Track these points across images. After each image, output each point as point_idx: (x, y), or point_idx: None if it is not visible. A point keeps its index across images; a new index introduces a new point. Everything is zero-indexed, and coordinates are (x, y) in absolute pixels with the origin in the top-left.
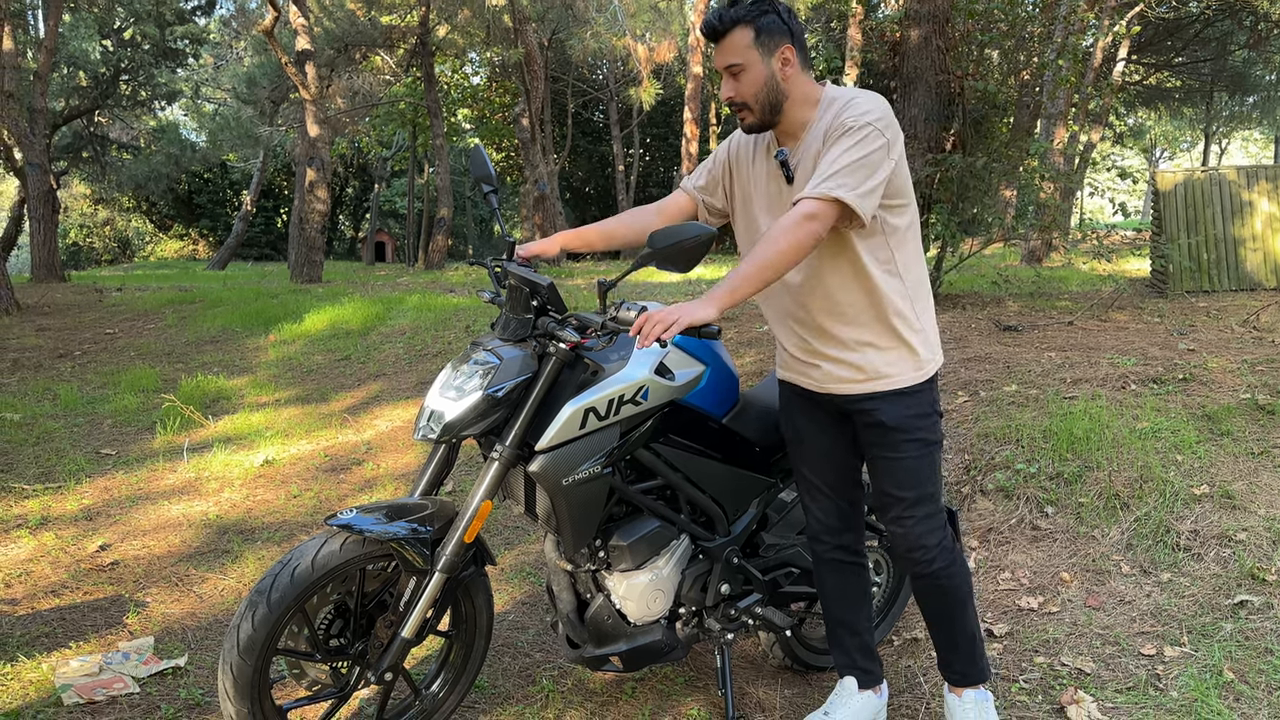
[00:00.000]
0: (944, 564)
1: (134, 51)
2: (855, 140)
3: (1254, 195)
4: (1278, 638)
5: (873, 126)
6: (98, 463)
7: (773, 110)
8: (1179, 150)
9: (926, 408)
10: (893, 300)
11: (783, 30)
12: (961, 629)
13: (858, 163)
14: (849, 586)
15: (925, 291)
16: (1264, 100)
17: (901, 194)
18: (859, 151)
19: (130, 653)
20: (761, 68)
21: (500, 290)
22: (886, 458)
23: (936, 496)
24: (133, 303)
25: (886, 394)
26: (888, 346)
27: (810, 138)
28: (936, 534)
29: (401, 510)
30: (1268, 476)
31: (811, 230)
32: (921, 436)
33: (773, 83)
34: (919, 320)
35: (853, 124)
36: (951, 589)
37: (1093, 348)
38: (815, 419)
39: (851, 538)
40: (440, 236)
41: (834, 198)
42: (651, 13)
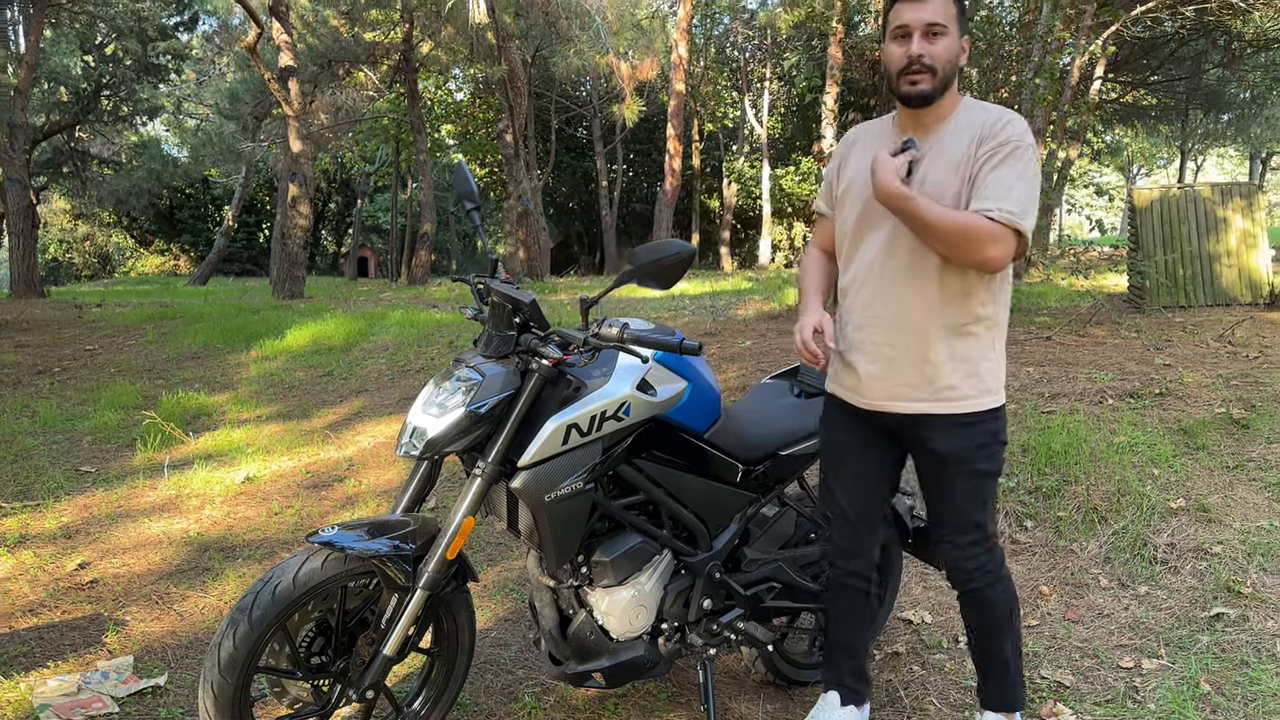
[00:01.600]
0: (981, 585)
1: (116, 67)
2: (1025, 163)
3: (1228, 212)
4: (1253, 650)
5: (1033, 150)
6: (77, 480)
7: (945, 85)
8: (1155, 167)
9: (985, 438)
10: (984, 326)
11: (967, 23)
12: (995, 652)
13: (1033, 193)
14: (855, 611)
15: (1005, 327)
16: (1238, 118)
17: None
18: (1034, 182)
19: (109, 672)
20: (956, 39)
21: (483, 307)
22: (935, 482)
23: (983, 524)
24: (113, 319)
25: (944, 418)
26: (963, 370)
27: (947, 132)
28: (976, 560)
29: (383, 527)
30: (1243, 490)
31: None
32: (976, 468)
33: (957, 59)
34: (995, 350)
35: (1018, 142)
36: (989, 610)
37: (1070, 363)
38: (859, 439)
39: (864, 564)
40: (423, 252)
41: (1016, 227)
42: (634, 31)
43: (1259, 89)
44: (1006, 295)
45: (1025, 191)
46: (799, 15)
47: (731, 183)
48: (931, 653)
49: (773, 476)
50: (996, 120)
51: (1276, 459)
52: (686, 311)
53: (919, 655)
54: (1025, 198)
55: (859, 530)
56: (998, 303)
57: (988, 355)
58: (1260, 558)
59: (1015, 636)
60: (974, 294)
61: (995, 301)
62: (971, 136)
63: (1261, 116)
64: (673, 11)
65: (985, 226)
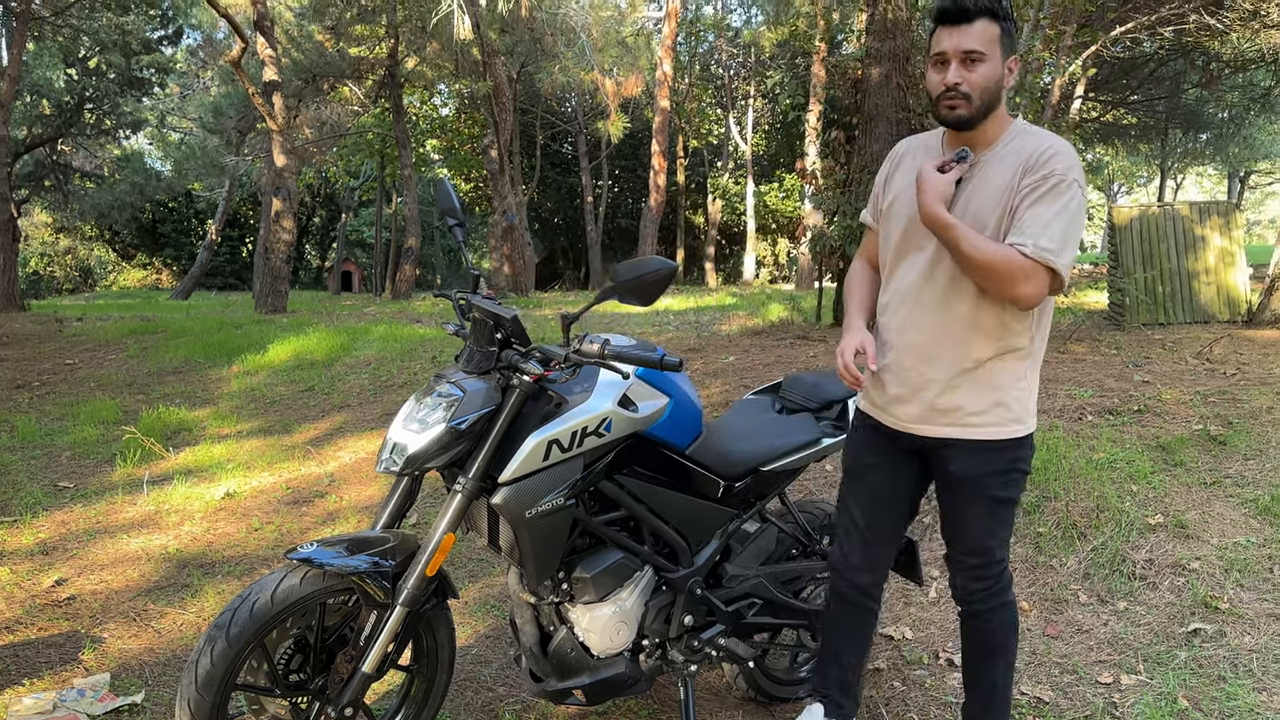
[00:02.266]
0: (984, 608)
1: (99, 80)
2: (1067, 199)
3: (1207, 230)
4: (1230, 665)
5: (1079, 184)
6: (55, 495)
7: (986, 110)
8: (1136, 185)
9: (1005, 465)
10: (1017, 356)
11: (1014, 42)
12: (985, 676)
13: (1072, 229)
14: (850, 623)
15: (1040, 359)
16: (1216, 138)
17: None
18: (1075, 218)
19: (85, 689)
20: (998, 65)
21: (465, 323)
22: (951, 503)
23: (993, 549)
24: (93, 333)
25: (968, 443)
26: (991, 398)
27: (994, 157)
28: (983, 583)
29: (363, 543)
30: (1220, 506)
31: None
32: (993, 494)
33: (999, 85)
34: (1027, 379)
35: (1062, 176)
36: (987, 634)
37: (1051, 379)
38: (882, 458)
39: (869, 579)
40: (408, 266)
41: (1050, 265)
42: (619, 48)
43: (1237, 109)
44: (1045, 326)
45: (1063, 228)
46: (783, 34)
47: (716, 199)
48: (912, 669)
49: (754, 492)
50: (1044, 151)
51: (1253, 475)
52: (671, 327)
53: (900, 671)
54: (1062, 234)
55: (869, 546)
56: (1033, 334)
57: (1018, 384)
58: (1237, 574)
59: (1009, 663)
60: (1009, 325)
61: (1030, 333)
62: (1017, 165)
63: (1239, 136)
64: (658, 29)
65: (1019, 263)
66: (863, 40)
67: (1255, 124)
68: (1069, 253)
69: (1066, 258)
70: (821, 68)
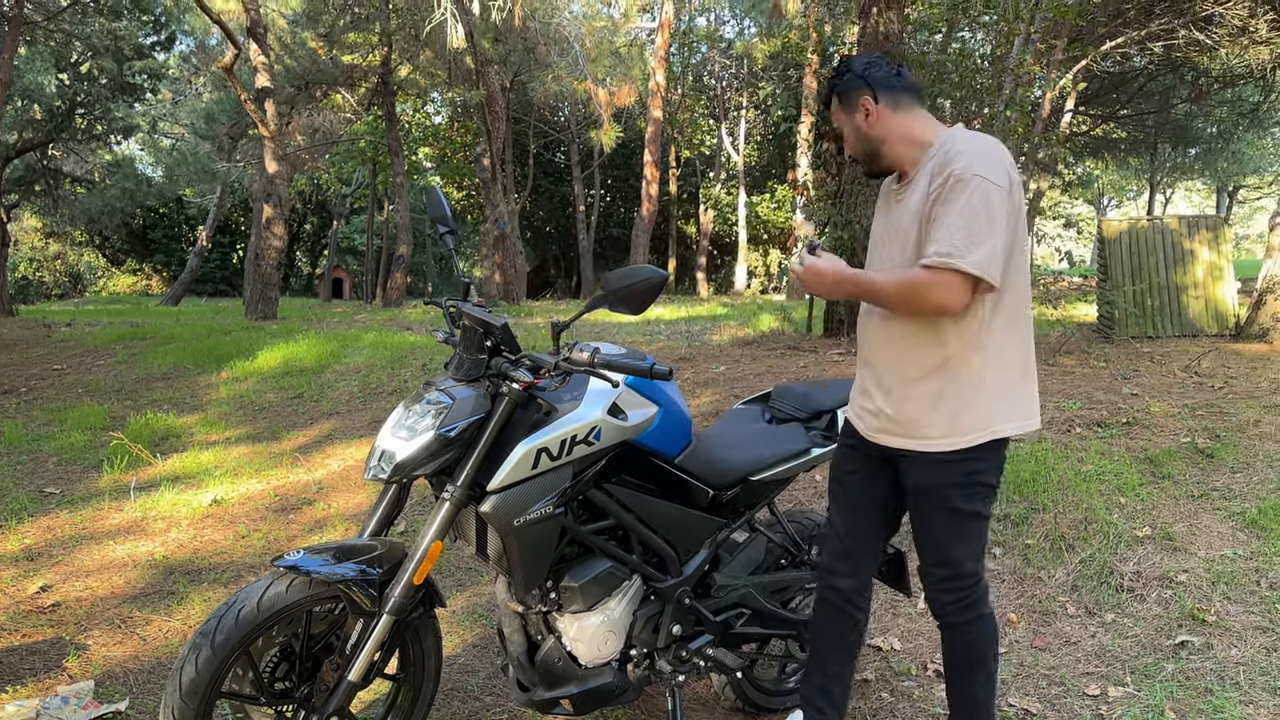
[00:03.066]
0: (958, 620)
1: (91, 85)
2: (967, 195)
3: (1195, 244)
4: (1218, 678)
5: (980, 176)
6: (41, 501)
7: (870, 158)
8: (1125, 199)
9: (961, 477)
10: (961, 365)
11: (859, 84)
12: (966, 689)
13: (975, 224)
14: (831, 628)
15: (1010, 362)
16: (1205, 152)
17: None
18: (978, 212)
19: (69, 697)
20: (849, 126)
21: (454, 330)
22: (914, 512)
23: (959, 562)
24: (82, 338)
25: (915, 453)
26: (943, 409)
27: (918, 177)
28: (954, 595)
29: (350, 551)
30: (1207, 518)
31: (928, 298)
32: (952, 505)
33: (860, 134)
34: (977, 389)
35: (960, 174)
36: (964, 647)
37: (1039, 391)
38: (860, 466)
39: (850, 584)
40: (399, 274)
41: (952, 268)
42: (612, 58)
43: (1225, 124)
44: (1007, 326)
45: (964, 225)
46: (775, 46)
47: (708, 209)
48: (900, 680)
49: (743, 502)
50: (947, 153)
51: (1240, 488)
52: (662, 336)
53: (888, 682)
54: (965, 232)
55: (849, 551)
56: (972, 342)
57: (971, 391)
58: (1224, 586)
59: (989, 675)
60: (945, 334)
61: (977, 337)
62: (929, 177)
63: (1228, 151)
64: (651, 39)
65: (920, 278)
66: (854, 52)
67: (1244, 139)
68: (980, 247)
69: (976, 254)
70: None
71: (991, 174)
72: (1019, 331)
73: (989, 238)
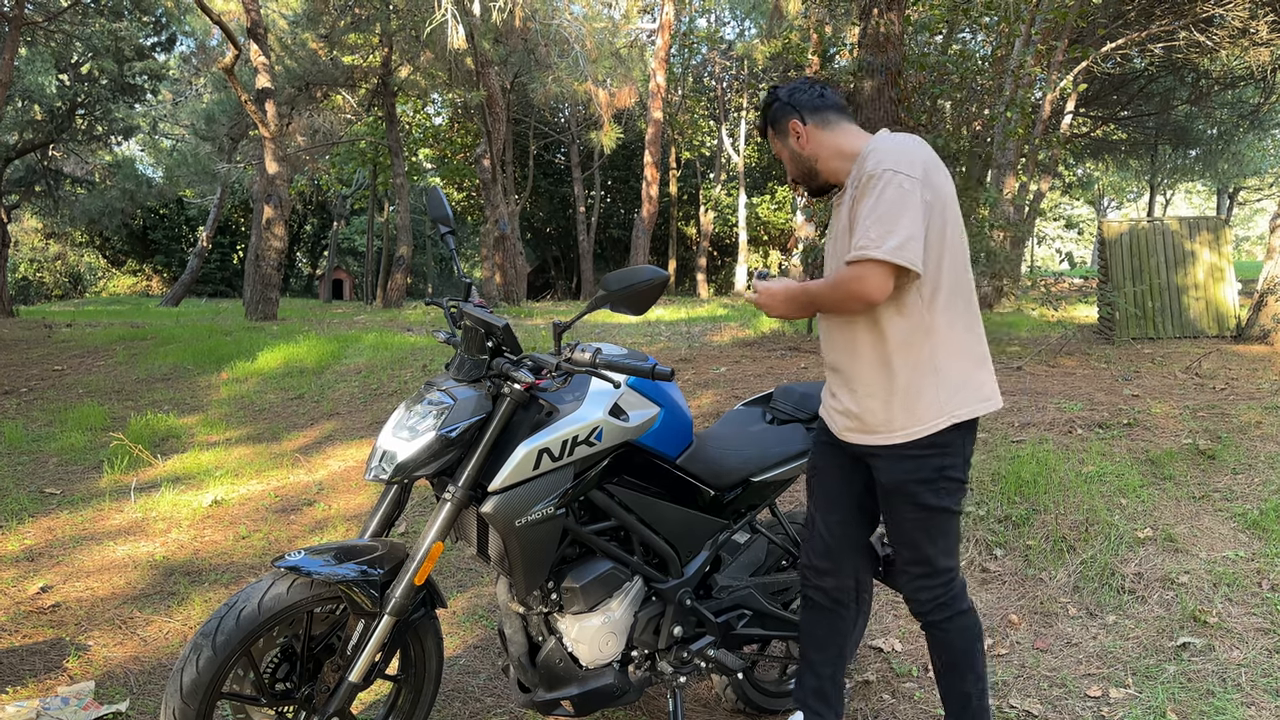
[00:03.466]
0: (938, 618)
1: (91, 86)
2: (878, 190)
3: (1196, 245)
4: (1219, 680)
5: (892, 170)
6: (41, 502)
7: (809, 177)
8: (1125, 200)
9: (930, 473)
10: (906, 355)
11: (786, 110)
12: (955, 686)
13: (885, 215)
14: (819, 627)
15: (961, 349)
16: (1206, 154)
17: (935, 245)
18: (888, 204)
19: (70, 698)
20: (785, 150)
21: (456, 330)
22: (887, 510)
23: (933, 559)
24: (82, 339)
25: (887, 449)
26: (888, 401)
27: (848, 185)
28: (930, 592)
29: (351, 552)
30: (1209, 520)
31: (854, 292)
32: (921, 501)
33: (796, 156)
34: (937, 375)
35: (871, 172)
36: (947, 644)
37: (1040, 393)
38: (833, 464)
39: (833, 582)
40: (399, 275)
41: (868, 258)
42: (613, 59)
43: (1226, 125)
44: (936, 323)
45: (878, 218)
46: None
47: (708, 210)
48: (902, 681)
49: (744, 503)
50: (865, 156)
51: (1242, 489)
52: (662, 337)
53: (889, 684)
54: (878, 223)
55: (829, 549)
56: (919, 334)
57: (919, 384)
58: (1226, 588)
59: (977, 673)
60: (890, 334)
61: (915, 333)
62: (853, 182)
63: (1229, 152)
64: (651, 41)
65: (844, 275)
66: (855, 54)
67: (1244, 140)
68: (893, 236)
69: (890, 242)
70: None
71: (901, 166)
72: (964, 318)
73: (903, 226)
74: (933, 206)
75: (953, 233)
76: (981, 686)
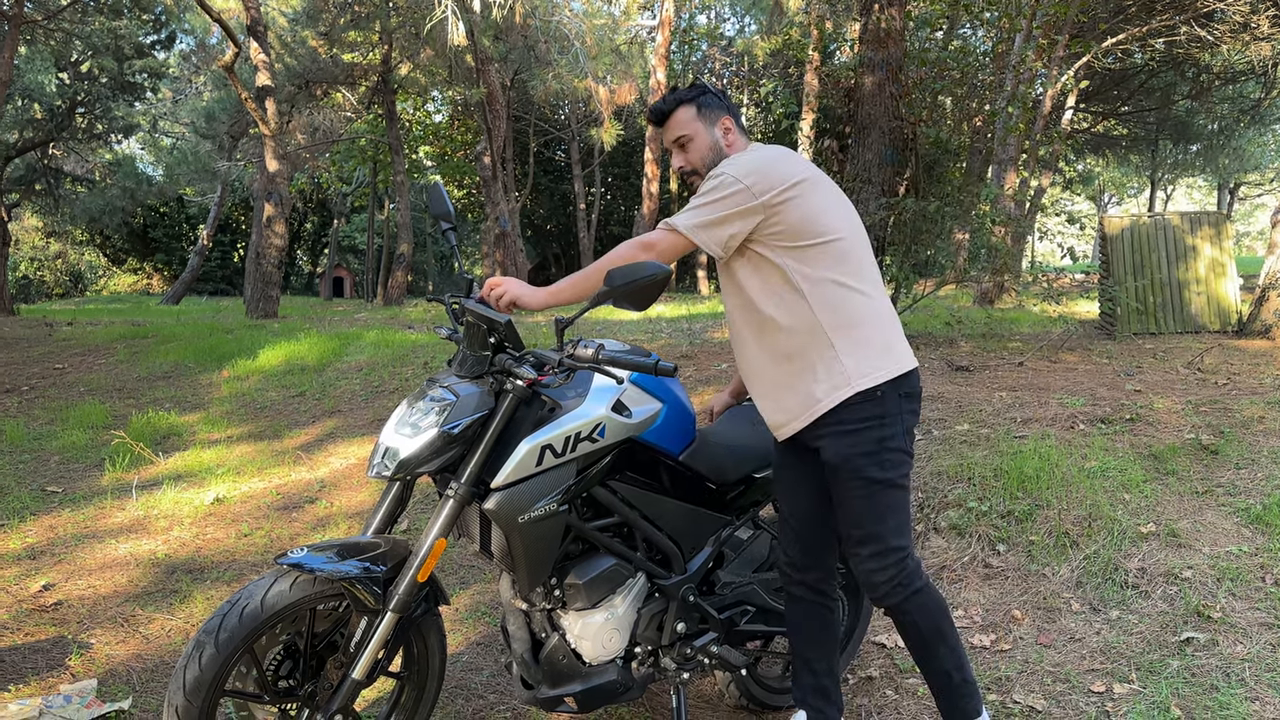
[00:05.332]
0: (897, 600)
1: (91, 85)
2: (709, 186)
3: (1197, 240)
4: (1223, 675)
5: (727, 174)
6: (43, 500)
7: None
8: (1126, 196)
9: (871, 445)
10: (799, 336)
11: (721, 106)
12: (933, 666)
13: (706, 204)
14: (808, 623)
15: (857, 320)
16: (1206, 149)
17: (802, 233)
18: (708, 195)
19: (72, 695)
20: (706, 136)
21: (458, 327)
22: (836, 493)
23: (884, 536)
24: (83, 337)
25: (821, 429)
26: (802, 383)
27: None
28: (885, 572)
29: (353, 549)
30: (1212, 515)
31: (644, 258)
32: (866, 475)
33: (717, 148)
34: (834, 350)
35: (713, 173)
36: (911, 625)
37: (1043, 388)
38: (791, 459)
39: (815, 575)
40: (400, 272)
41: (672, 226)
42: (613, 56)
43: (1227, 120)
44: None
45: (697, 206)
46: (776, 43)
47: None
48: (905, 677)
49: (748, 499)
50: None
51: (1245, 484)
52: (663, 334)
53: (892, 680)
54: (693, 210)
55: (804, 542)
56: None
57: (823, 356)
58: (1229, 582)
59: (950, 645)
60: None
61: (798, 321)
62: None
63: (1229, 147)
64: (651, 37)
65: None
66: (856, 50)
67: (1245, 135)
68: (698, 217)
69: (690, 221)
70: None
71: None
72: (842, 293)
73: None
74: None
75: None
76: (959, 660)
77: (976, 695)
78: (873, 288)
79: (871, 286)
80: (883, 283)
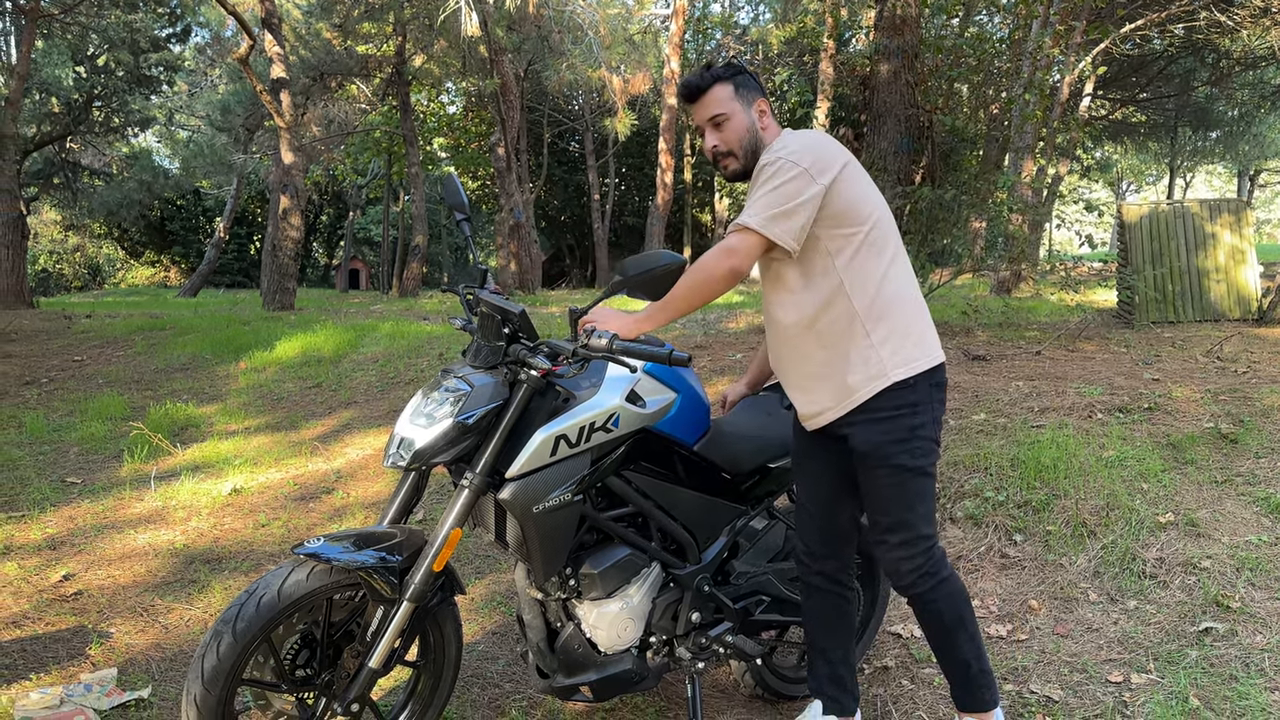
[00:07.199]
0: (923, 589)
1: (108, 78)
2: (769, 174)
3: (1217, 228)
4: (1242, 665)
5: (783, 159)
6: (63, 491)
7: (754, 156)
8: (1145, 183)
9: (903, 433)
10: (836, 326)
11: (756, 88)
12: (951, 654)
13: (770, 192)
14: (824, 612)
15: (892, 309)
16: (1226, 135)
17: (846, 219)
18: (771, 183)
19: (93, 684)
20: (743, 116)
21: (472, 317)
22: (864, 481)
23: (913, 524)
24: (102, 329)
25: (859, 415)
26: (836, 373)
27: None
28: (913, 561)
29: (370, 538)
30: (1231, 504)
31: (728, 265)
32: (896, 463)
33: (754, 130)
34: (870, 339)
35: (764, 163)
36: (935, 614)
37: (1060, 377)
38: (815, 448)
39: (833, 565)
40: (415, 264)
41: (744, 225)
42: (627, 45)
43: (1247, 107)
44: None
45: (762, 199)
46: (791, 31)
47: (723, 197)
48: (921, 667)
49: (762, 489)
50: (767, 151)
51: (1264, 474)
52: (677, 324)
53: (908, 669)
54: (763, 204)
55: (824, 532)
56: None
57: (860, 346)
58: (1249, 572)
59: (970, 637)
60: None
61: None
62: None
63: (1249, 134)
64: (665, 27)
65: (711, 255)
66: (871, 37)
67: (1265, 122)
68: (768, 210)
69: (761, 215)
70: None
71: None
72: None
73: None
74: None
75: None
76: (978, 650)
77: (993, 686)
78: (905, 275)
79: (904, 273)
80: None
